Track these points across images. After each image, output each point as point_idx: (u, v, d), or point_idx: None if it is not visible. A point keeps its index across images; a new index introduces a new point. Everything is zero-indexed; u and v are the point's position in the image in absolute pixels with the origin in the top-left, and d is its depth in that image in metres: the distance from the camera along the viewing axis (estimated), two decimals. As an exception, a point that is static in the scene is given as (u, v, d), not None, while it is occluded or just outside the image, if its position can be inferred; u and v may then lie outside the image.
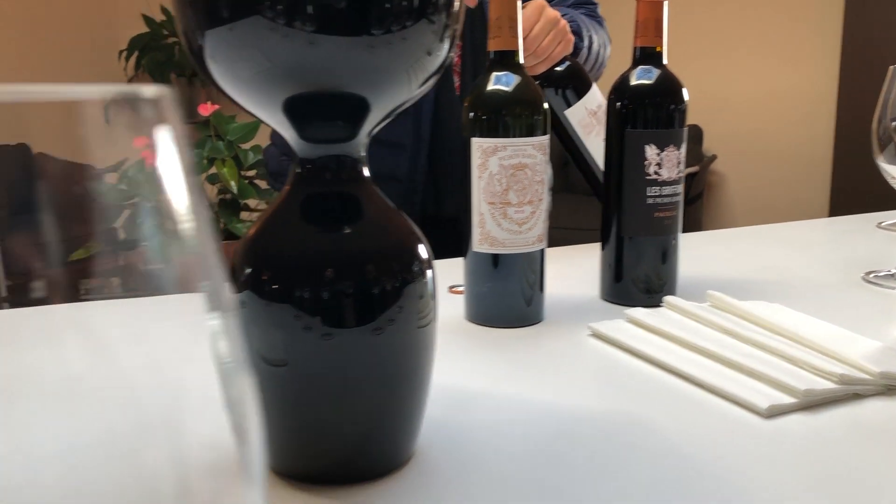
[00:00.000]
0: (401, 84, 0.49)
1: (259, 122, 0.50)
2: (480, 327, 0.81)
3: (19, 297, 0.21)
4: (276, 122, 0.50)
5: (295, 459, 0.51)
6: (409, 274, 0.50)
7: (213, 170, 2.85)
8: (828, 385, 0.60)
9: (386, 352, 0.50)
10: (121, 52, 5.02)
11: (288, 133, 0.50)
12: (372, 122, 0.51)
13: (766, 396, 0.59)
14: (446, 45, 0.50)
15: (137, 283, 0.23)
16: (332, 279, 0.48)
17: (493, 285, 0.80)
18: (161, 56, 4.88)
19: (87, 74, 5.06)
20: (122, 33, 5.05)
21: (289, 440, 0.51)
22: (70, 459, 0.20)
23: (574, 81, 1.04)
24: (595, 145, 1.03)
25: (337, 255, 0.49)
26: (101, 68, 5.16)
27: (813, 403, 0.60)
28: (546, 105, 0.79)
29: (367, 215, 0.51)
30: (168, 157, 0.22)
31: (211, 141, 2.93)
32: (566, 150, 1.05)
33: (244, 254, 0.50)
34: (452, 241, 0.97)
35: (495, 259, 0.80)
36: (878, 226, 1.32)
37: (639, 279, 0.86)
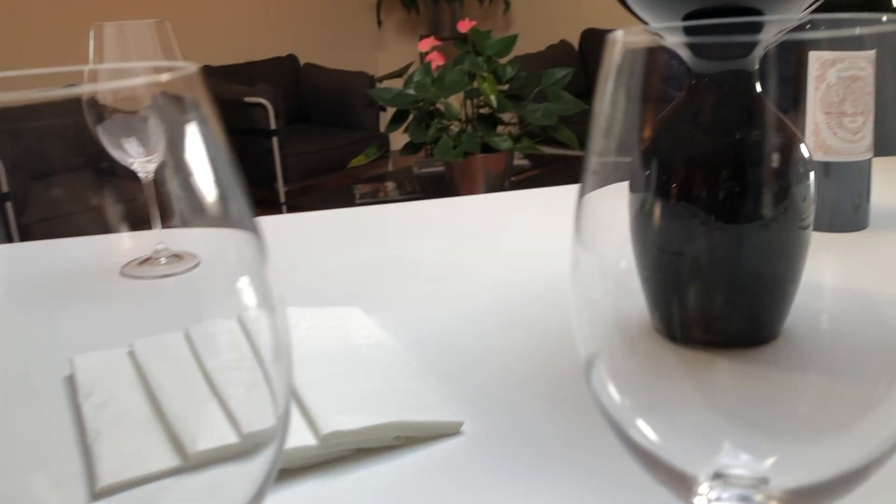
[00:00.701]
0: None
1: (515, 36, 0.56)
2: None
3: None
4: (674, 36, 0.56)
5: (690, 327, 0.59)
6: (795, 177, 0.56)
7: (474, 84, 2.98)
8: None
9: (770, 247, 0.56)
10: (374, -27, 5.26)
11: (682, 50, 0.57)
12: (767, 36, 0.56)
13: None
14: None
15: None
16: (725, 180, 0.55)
17: (825, 191, 0.83)
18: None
19: (344, -4, 5.36)
20: (376, -45, 5.28)
21: (686, 313, 0.59)
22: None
23: None
24: None
25: (728, 159, 0.56)
26: (356, -10, 5.43)
27: None
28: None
29: (759, 123, 0.57)
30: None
31: (470, 57, 3.05)
32: None
33: (643, 159, 0.58)
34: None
35: (826, 167, 0.82)
36: None
37: (975, 189, 0.85)
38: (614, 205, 0.30)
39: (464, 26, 3.19)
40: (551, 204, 0.99)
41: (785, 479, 0.24)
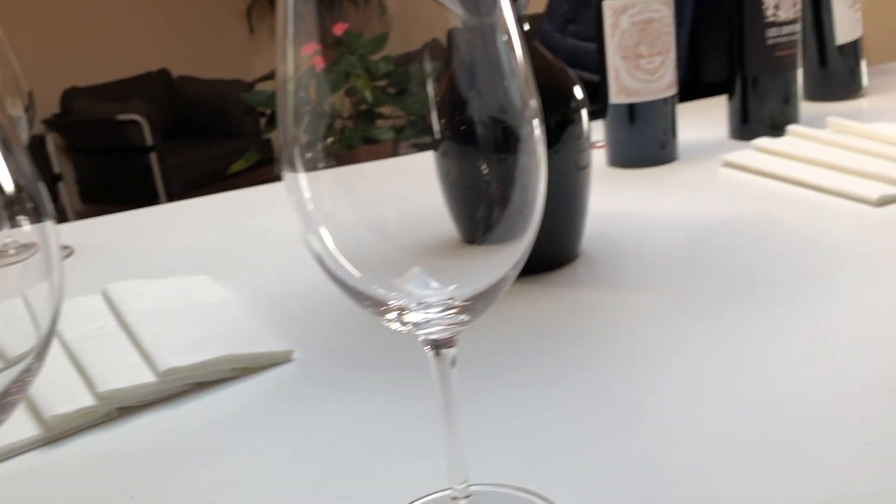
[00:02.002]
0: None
1: (385, 34, 0.63)
2: (622, 169, 0.93)
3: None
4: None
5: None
6: (568, 111, 0.63)
7: (350, 83, 3.02)
8: (935, 176, 0.70)
9: (554, 173, 0.64)
10: (241, -21, 5.21)
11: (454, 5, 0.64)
12: (530, -12, 0.63)
13: (876, 188, 0.70)
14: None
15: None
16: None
17: (631, 131, 0.92)
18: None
19: (209, 4, 5.30)
20: (239, -39, 5.24)
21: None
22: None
23: None
24: (843, 8, 1.07)
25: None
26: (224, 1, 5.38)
27: (921, 192, 0.70)
28: (668, -36, 0.88)
29: (533, 62, 0.64)
30: None
31: (346, 57, 3.10)
32: None
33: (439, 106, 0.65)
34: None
35: (630, 108, 0.91)
36: None
37: (764, 117, 0.96)
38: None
39: (338, 29, 3.22)
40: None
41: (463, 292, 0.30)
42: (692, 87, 1.29)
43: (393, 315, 0.31)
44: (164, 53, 5.04)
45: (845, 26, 1.10)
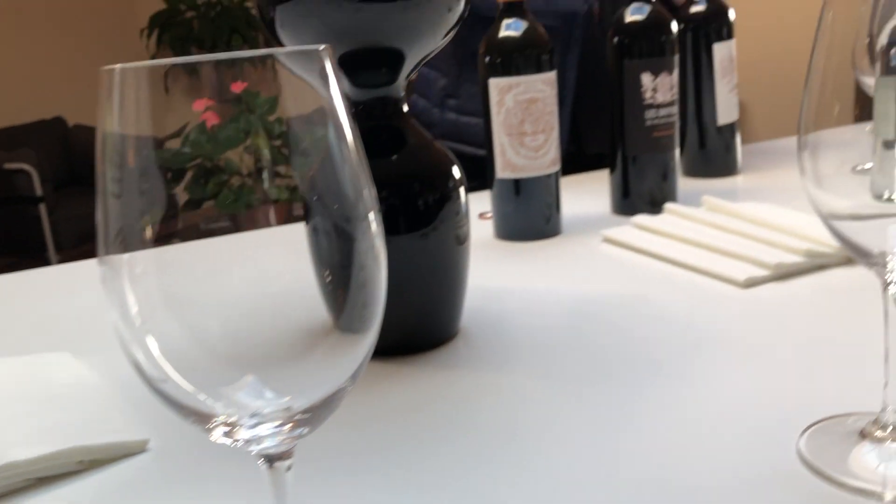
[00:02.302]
0: (427, 37, 0.62)
1: (276, 97, 0.63)
2: (507, 243, 0.94)
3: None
4: (333, 74, 0.63)
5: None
6: (447, 190, 0.63)
7: (248, 142, 2.99)
8: (797, 258, 0.73)
9: (432, 251, 0.63)
10: (142, 30, 5.15)
11: (342, 82, 0.63)
12: (407, 69, 0.63)
13: (744, 270, 0.72)
14: (462, 3, 0.62)
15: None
16: (386, 198, 0.61)
17: (516, 206, 0.93)
18: (182, 31, 5.00)
19: (110, 55, 5.19)
20: (142, 12, 5.17)
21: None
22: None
23: (721, 20, 1.13)
24: (724, 92, 1.12)
25: (388, 178, 0.62)
26: (124, 47, 5.29)
27: (784, 274, 0.73)
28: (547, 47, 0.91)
29: (410, 144, 0.64)
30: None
31: (245, 115, 3.07)
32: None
33: (311, 185, 0.64)
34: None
35: (516, 183, 0.93)
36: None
37: (644, 193, 0.99)
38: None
39: (237, 87, 3.20)
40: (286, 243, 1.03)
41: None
42: (575, 157, 1.32)
43: (222, 430, 0.29)
44: (60, 101, 4.89)
45: (725, 109, 1.16)
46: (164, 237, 0.30)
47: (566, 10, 1.33)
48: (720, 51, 1.12)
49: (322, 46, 0.31)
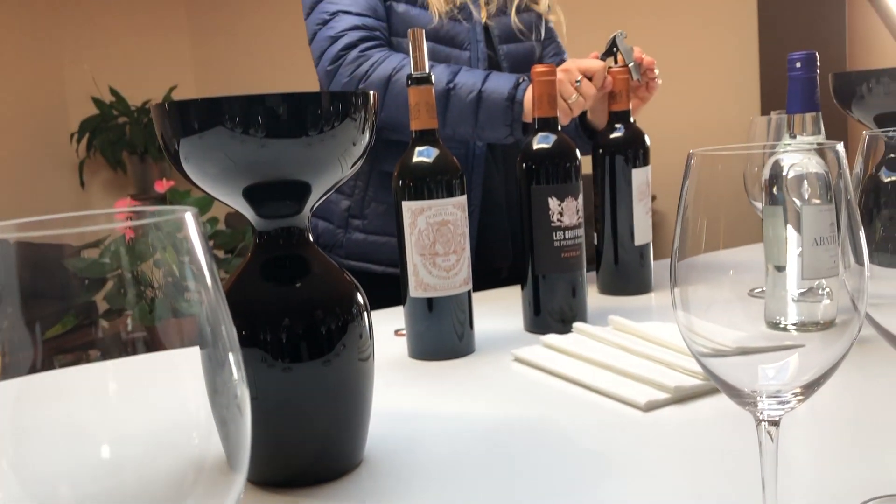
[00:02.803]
0: (334, 169, 0.64)
1: (208, 199, 0.64)
2: (421, 362, 0.95)
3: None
4: (238, 205, 0.64)
5: (267, 469, 0.64)
6: (349, 315, 0.64)
7: (157, 255, 2.96)
8: (695, 381, 0.75)
9: (334, 380, 0.63)
10: (72, 134, 5.13)
11: (248, 213, 0.65)
12: (313, 200, 0.65)
13: (645, 393, 0.74)
14: (367, 135, 0.65)
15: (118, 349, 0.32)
16: (289, 325, 0.62)
17: (429, 325, 0.95)
18: (113, 136, 5.00)
19: (40, 159, 5.14)
20: (72, 117, 5.16)
21: (262, 454, 0.64)
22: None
23: (637, 146, 1.19)
24: (640, 214, 1.17)
25: (291, 305, 0.63)
26: (54, 152, 5.25)
27: (684, 397, 0.75)
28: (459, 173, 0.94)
29: (314, 272, 0.65)
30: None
31: (153, 231, 3.04)
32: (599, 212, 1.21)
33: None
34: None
35: (429, 302, 0.94)
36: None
37: (554, 311, 1.01)
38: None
39: (161, 186, 3.18)
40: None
41: None
42: (484, 271, 1.35)
43: None
44: (-16, 204, 4.79)
45: (640, 230, 1.21)
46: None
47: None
48: (637, 176, 1.18)
49: (188, 211, 0.32)
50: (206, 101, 0.59)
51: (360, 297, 0.66)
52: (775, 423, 0.45)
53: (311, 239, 0.66)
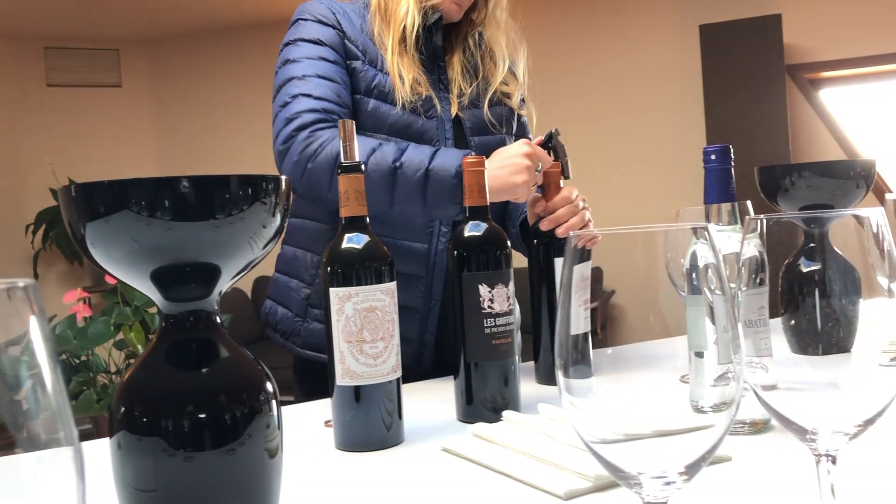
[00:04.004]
0: (244, 252, 0.63)
1: None
2: (348, 453, 0.92)
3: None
4: (146, 288, 0.63)
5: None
6: (257, 403, 0.63)
7: (120, 335, 2.91)
8: (617, 470, 0.74)
9: (239, 471, 0.61)
10: (27, 226, 5.08)
11: (155, 296, 0.64)
12: (223, 283, 0.64)
13: (565, 482, 0.73)
14: (279, 218, 0.65)
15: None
16: (192, 412, 0.60)
17: (356, 414, 0.93)
18: (69, 227, 4.96)
19: (-8, 249, 5.08)
20: (29, 208, 5.13)
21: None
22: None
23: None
24: (576, 307, 1.17)
25: (196, 392, 0.61)
26: (8, 243, 5.19)
27: (604, 486, 0.73)
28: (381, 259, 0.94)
29: (221, 357, 0.64)
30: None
31: (118, 307, 3.00)
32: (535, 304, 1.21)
33: (119, 397, 0.62)
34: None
35: (356, 390, 0.93)
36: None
37: (486, 400, 1.00)
38: None
39: (111, 278, 3.14)
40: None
41: None
42: (443, 364, 1.33)
43: None
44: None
45: (576, 321, 1.21)
46: None
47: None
48: (577, 272, 1.19)
49: (27, 283, 0.31)
50: (113, 184, 0.59)
51: (269, 386, 0.65)
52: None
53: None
